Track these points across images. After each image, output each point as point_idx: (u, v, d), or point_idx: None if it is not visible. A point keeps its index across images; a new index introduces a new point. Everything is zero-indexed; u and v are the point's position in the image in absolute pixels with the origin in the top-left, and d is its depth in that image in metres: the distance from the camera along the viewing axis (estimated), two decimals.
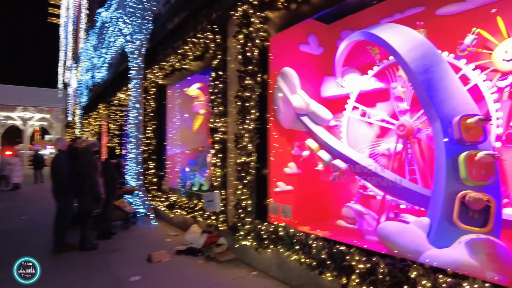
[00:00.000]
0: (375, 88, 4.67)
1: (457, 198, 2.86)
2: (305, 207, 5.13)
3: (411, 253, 3.06)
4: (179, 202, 6.90)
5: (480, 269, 2.71)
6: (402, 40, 3.66)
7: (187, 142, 8.76)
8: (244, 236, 4.62)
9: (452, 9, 3.99)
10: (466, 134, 3.04)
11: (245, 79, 4.74)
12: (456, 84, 3.35)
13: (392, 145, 4.47)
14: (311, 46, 5.39)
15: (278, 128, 4.94)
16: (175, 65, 7.25)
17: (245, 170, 4.77)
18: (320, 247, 3.57)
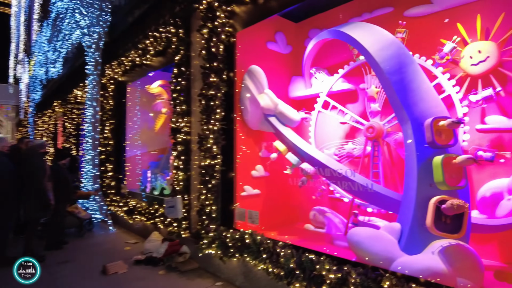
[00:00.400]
0: (345, 88, 4.56)
1: (433, 203, 2.76)
2: (273, 212, 4.94)
3: (382, 261, 2.93)
4: (139, 207, 6.45)
5: (452, 275, 2.63)
6: (373, 39, 3.54)
7: (149, 143, 8.28)
8: (208, 244, 4.33)
9: (420, 11, 3.98)
10: (438, 137, 2.96)
11: (210, 76, 4.44)
12: (427, 85, 3.28)
13: (359, 146, 4.41)
14: (279, 44, 5.21)
15: (245, 129, 4.70)
16: (136, 61, 6.78)
17: (210, 174, 4.48)
18: (288, 256, 3.37)
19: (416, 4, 3.98)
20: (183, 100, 5.03)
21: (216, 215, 4.45)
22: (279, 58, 5.24)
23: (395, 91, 3.30)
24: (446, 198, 2.77)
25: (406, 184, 3.25)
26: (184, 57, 5.05)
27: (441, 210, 2.78)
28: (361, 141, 4.40)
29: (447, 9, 3.76)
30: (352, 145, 4.53)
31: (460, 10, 3.64)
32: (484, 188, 3.42)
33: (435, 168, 2.89)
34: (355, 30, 3.75)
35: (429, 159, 3.01)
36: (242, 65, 4.60)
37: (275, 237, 4.03)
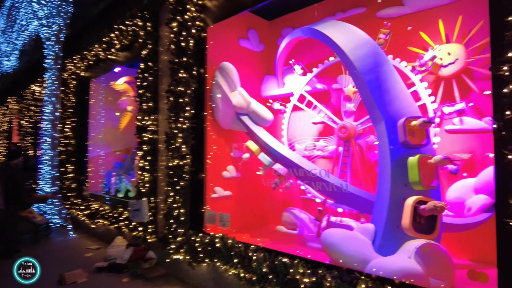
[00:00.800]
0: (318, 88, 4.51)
1: (411, 204, 2.72)
2: (245, 214, 4.79)
3: (357, 262, 2.87)
4: (102, 210, 6.07)
5: (425, 276, 2.61)
6: (347, 38, 3.50)
7: (113, 142, 7.84)
8: (176, 249, 4.10)
9: (392, 12, 3.99)
10: (411, 137, 2.94)
11: (179, 72, 4.23)
12: (400, 85, 3.27)
13: (331, 146, 4.38)
14: (251, 42, 5.08)
15: (216, 128, 4.52)
16: (100, 55, 6.39)
17: (178, 175, 4.25)
18: (261, 260, 3.23)
19: (388, 5, 4.00)
20: (150, 96, 4.77)
21: (185, 218, 4.23)
22: (252, 56, 5.11)
23: (369, 91, 3.27)
24: (424, 199, 2.75)
25: (380, 184, 3.22)
26: (152, 51, 4.79)
27: (416, 211, 2.75)
28: (333, 140, 4.36)
29: (418, 11, 3.80)
30: (324, 142, 4.49)
31: (430, 12, 3.69)
32: (452, 188, 3.47)
33: (411, 168, 2.87)
34: (329, 28, 3.69)
35: (403, 159, 3.00)
36: (213, 61, 4.42)
37: (247, 240, 3.88)
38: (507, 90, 2.00)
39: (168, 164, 4.37)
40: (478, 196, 3.29)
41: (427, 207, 2.65)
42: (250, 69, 5.06)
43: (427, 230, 2.78)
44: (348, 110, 4.06)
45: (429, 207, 2.63)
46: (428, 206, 2.62)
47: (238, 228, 4.52)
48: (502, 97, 2.03)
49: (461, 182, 3.43)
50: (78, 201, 7.04)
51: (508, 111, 1.96)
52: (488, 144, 3.31)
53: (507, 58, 2.00)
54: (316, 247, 3.87)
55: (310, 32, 3.98)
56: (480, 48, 3.33)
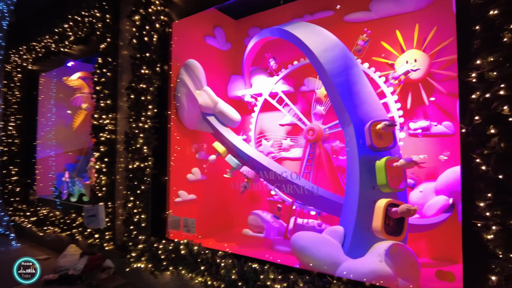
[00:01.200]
0: (285, 90, 4.47)
1: (383, 207, 2.73)
2: (210, 218, 4.64)
3: (327, 266, 2.84)
4: (52, 216, 5.57)
5: (394, 277, 2.64)
6: (317, 40, 3.48)
7: (65, 142, 7.25)
8: (137, 257, 3.84)
9: (359, 16, 4.06)
10: (379, 140, 2.98)
11: (141, 68, 3.97)
12: (368, 89, 3.31)
13: (298, 148, 4.37)
14: (218, 40, 4.93)
15: (180, 128, 4.31)
16: (51, 47, 5.87)
17: (139, 178, 3.99)
18: (229, 266, 3.10)
19: (355, 10, 4.07)
20: (108, 94, 4.43)
21: (146, 224, 3.98)
22: (218, 54, 4.97)
23: (338, 93, 3.27)
24: (394, 202, 2.78)
25: (348, 186, 3.23)
26: (111, 45, 4.46)
27: (386, 213, 2.78)
28: (300, 141, 4.35)
29: (384, 17, 3.90)
30: (291, 141, 4.47)
31: (396, 19, 3.80)
32: (415, 190, 3.58)
33: (378, 171, 2.90)
34: (299, 29, 3.66)
35: (372, 162, 3.03)
36: (178, 58, 4.22)
37: (213, 245, 3.73)
38: (475, 96, 2.05)
39: (128, 167, 4.09)
40: (438, 197, 3.43)
41: (400, 210, 2.68)
42: (216, 68, 4.91)
43: (396, 232, 2.82)
44: (318, 113, 4.05)
45: (401, 210, 2.66)
46: (401, 209, 2.65)
47: (204, 233, 4.35)
48: (470, 103, 2.09)
49: (423, 185, 3.56)
50: (23, 207, 6.42)
51: (477, 116, 2.01)
52: (447, 147, 3.47)
53: (475, 65, 2.06)
54: (284, 250, 3.82)
55: (280, 33, 3.92)
56: (447, 63, 3.47)
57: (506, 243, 1.90)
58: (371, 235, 2.89)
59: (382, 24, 3.89)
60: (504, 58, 1.95)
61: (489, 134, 1.96)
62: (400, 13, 3.77)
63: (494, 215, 1.94)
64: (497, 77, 1.96)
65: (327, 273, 2.75)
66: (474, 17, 2.12)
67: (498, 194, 1.95)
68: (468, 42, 2.18)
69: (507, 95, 1.91)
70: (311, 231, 3.74)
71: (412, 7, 3.66)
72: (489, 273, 2.00)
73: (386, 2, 3.83)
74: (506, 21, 1.96)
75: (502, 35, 1.96)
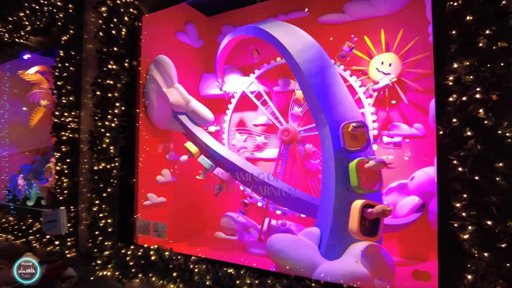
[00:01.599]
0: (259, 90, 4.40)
1: (358, 208, 2.73)
2: (181, 221, 4.48)
3: (304, 269, 2.80)
4: (4, 222, 5.11)
5: (371, 277, 2.66)
6: (294, 40, 3.44)
7: (21, 142, 6.70)
8: (103, 264, 3.60)
9: (333, 18, 4.08)
10: (354, 141, 2.99)
11: (108, 63, 3.73)
12: (344, 90, 3.32)
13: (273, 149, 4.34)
14: (189, 36, 4.77)
15: (149, 127, 4.11)
16: (3, 38, 5.40)
17: (105, 180, 3.75)
18: (203, 272, 2.98)
19: (330, 12, 4.08)
20: (71, 89, 4.13)
21: (113, 229, 3.75)
22: (190, 51, 4.80)
23: (314, 94, 3.25)
24: (370, 203, 2.80)
25: (324, 188, 3.22)
26: (74, 38, 4.16)
27: (362, 214, 2.79)
28: (274, 141, 4.30)
29: (358, 20, 3.94)
30: (264, 139, 4.40)
31: (370, 22, 3.85)
32: (386, 189, 3.65)
33: (351, 172, 2.91)
34: (275, 28, 3.60)
35: (346, 163, 3.03)
36: (148, 53, 4.02)
37: (185, 250, 3.59)
38: (452, 99, 2.09)
39: (93, 168, 3.83)
40: (410, 197, 3.51)
41: (375, 211, 2.69)
42: (188, 65, 4.75)
43: (371, 233, 2.84)
44: (295, 114, 4.01)
45: (377, 211, 2.67)
46: (377, 210, 2.66)
47: (175, 237, 4.19)
48: (447, 106, 2.13)
49: (395, 184, 3.63)
50: None
51: (454, 119, 2.04)
52: (418, 148, 3.56)
53: (452, 69, 2.09)
54: (259, 253, 3.75)
55: (255, 31, 3.84)
56: (414, 62, 3.56)
57: (481, 243, 1.95)
58: (347, 236, 2.89)
59: (356, 27, 3.93)
60: (479, 62, 2.00)
61: (466, 136, 2.00)
62: (373, 16, 3.83)
63: (470, 215, 1.99)
64: (473, 81, 2.00)
65: (305, 276, 2.71)
66: (451, 22, 2.16)
67: (473, 194, 2.00)
68: (444, 46, 2.22)
69: (483, 99, 1.96)
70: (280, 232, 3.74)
71: (385, 10, 3.73)
72: (464, 272, 2.04)
73: (360, 5, 3.87)
74: (481, 26, 2.01)
75: (478, 40, 2.01)
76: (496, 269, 1.88)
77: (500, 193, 1.92)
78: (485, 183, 1.94)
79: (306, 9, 4.15)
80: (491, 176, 1.93)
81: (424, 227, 3.46)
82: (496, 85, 1.95)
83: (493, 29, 1.95)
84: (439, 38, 2.31)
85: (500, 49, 1.95)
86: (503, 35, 1.95)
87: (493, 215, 1.92)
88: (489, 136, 1.94)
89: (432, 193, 3.31)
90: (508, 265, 1.87)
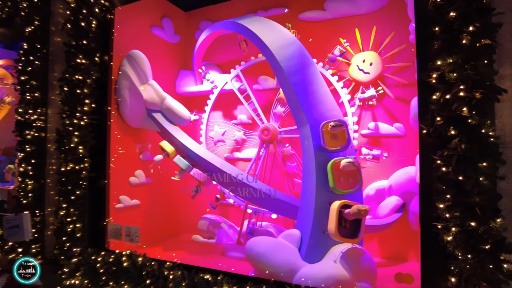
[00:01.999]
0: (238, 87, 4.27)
1: (335, 208, 2.66)
2: (156, 225, 4.29)
3: (284, 273, 2.70)
4: None
5: (352, 280, 2.59)
6: (274, 36, 3.34)
7: None
8: (71, 272, 3.38)
9: (313, 15, 4.02)
10: (334, 140, 2.92)
11: (77, 57, 3.50)
12: (324, 88, 3.24)
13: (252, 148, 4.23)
14: (165, 31, 4.58)
15: (121, 125, 3.90)
16: None
17: (73, 182, 3.52)
18: (179, 278, 2.83)
19: (310, 9, 4.01)
20: (36, 85, 3.85)
21: (82, 234, 3.53)
22: (166, 46, 4.61)
23: (295, 92, 3.15)
24: (349, 203, 2.73)
25: (304, 189, 3.13)
26: (40, 30, 3.89)
27: (341, 215, 2.72)
28: (253, 138, 4.19)
29: (338, 17, 3.90)
30: (243, 135, 4.28)
31: (350, 20, 3.81)
32: (367, 189, 3.62)
33: (328, 173, 2.84)
34: (255, 24, 3.49)
35: (326, 164, 2.95)
36: (121, 48, 3.81)
37: (160, 255, 3.42)
38: (435, 97, 2.04)
39: (60, 169, 3.58)
40: (390, 197, 3.48)
41: (352, 211, 2.63)
42: (164, 61, 4.56)
43: (352, 234, 2.77)
44: (278, 113, 3.89)
45: (353, 211, 2.62)
46: (352, 210, 2.61)
47: (149, 242, 4.01)
48: (431, 104, 2.08)
49: (375, 183, 3.60)
50: None
51: (438, 117, 1.99)
52: (397, 148, 3.54)
53: (435, 66, 2.04)
54: (237, 257, 3.63)
55: (234, 27, 3.72)
56: (392, 57, 3.54)
57: (465, 244, 1.90)
58: (328, 238, 2.81)
59: (336, 25, 3.88)
60: (463, 60, 1.96)
61: (450, 135, 1.95)
62: (354, 14, 3.79)
63: (454, 216, 1.94)
64: (457, 79, 1.95)
65: (285, 281, 2.61)
66: (434, 18, 2.11)
67: (457, 195, 1.95)
68: (427, 43, 2.18)
69: (466, 97, 1.92)
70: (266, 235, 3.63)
71: (366, 9, 3.69)
72: (447, 275, 1.99)
73: (340, 3, 3.82)
74: (464, 23, 1.97)
75: (461, 37, 1.97)
76: (480, 271, 1.84)
77: (483, 193, 1.89)
78: (468, 183, 1.90)
79: (286, 9, 4.06)
80: (475, 176, 1.89)
81: (404, 227, 3.44)
82: (479, 83, 1.91)
83: (476, 26, 1.91)
84: (421, 35, 2.27)
85: (484, 46, 1.91)
86: (486, 32, 1.92)
87: (476, 216, 1.88)
88: (473, 135, 1.90)
89: (412, 193, 3.29)
90: (492, 267, 1.84)
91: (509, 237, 1.90)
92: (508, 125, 2.03)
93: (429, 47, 2.15)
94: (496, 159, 1.88)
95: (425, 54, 2.20)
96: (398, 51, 3.45)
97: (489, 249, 1.84)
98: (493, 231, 1.85)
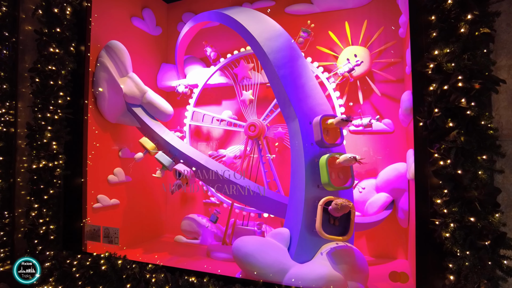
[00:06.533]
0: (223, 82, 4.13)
1: (319, 205, 2.57)
2: (137, 225, 4.09)
3: (273, 273, 2.58)
4: None
5: (344, 280, 2.50)
6: (261, 27, 3.21)
7: None
8: (43, 277, 3.14)
9: (301, 9, 3.94)
10: (325, 136, 2.81)
11: (50, 46, 3.26)
12: (313, 82, 3.14)
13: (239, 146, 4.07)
14: (146, 23, 4.38)
15: (99, 120, 3.68)
16: None
17: (46, 180, 3.29)
18: (161, 282, 2.67)
19: (297, 2, 3.91)
20: (4, 76, 3.57)
21: (56, 236, 3.30)
22: (147, 39, 4.40)
23: (283, 86, 3.04)
24: (332, 199, 2.63)
25: (293, 186, 3.02)
26: (8, 16, 3.61)
27: (328, 212, 2.63)
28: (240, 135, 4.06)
29: (326, 11, 3.81)
30: (233, 127, 4.10)
31: (338, 14, 3.73)
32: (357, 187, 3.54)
33: (321, 168, 2.73)
34: (241, 14, 3.35)
35: (316, 159, 2.85)
36: (98, 38, 3.59)
37: (142, 257, 3.23)
38: (432, 88, 1.97)
39: (32, 167, 3.33)
40: (379, 194, 3.42)
41: (331, 207, 2.55)
42: (145, 54, 4.35)
43: (342, 232, 2.68)
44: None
45: (332, 207, 2.55)
46: (332, 205, 2.54)
47: (129, 243, 3.80)
48: (427, 95, 2.00)
49: (364, 182, 3.53)
50: None
51: (436, 109, 1.92)
52: (386, 144, 3.49)
53: (432, 56, 1.97)
54: (223, 257, 3.48)
55: (219, 17, 3.57)
56: (380, 52, 3.49)
57: (463, 241, 1.83)
58: (318, 236, 2.70)
59: (323, 18, 3.80)
60: (460, 49, 1.89)
61: (448, 127, 1.88)
62: (341, 8, 3.72)
63: (452, 212, 1.87)
64: (454, 69, 1.89)
65: (275, 282, 2.49)
66: (429, 6, 2.04)
67: (454, 190, 1.88)
68: (422, 33, 2.11)
69: (465, 87, 1.85)
70: (252, 234, 3.50)
71: (353, 3, 3.62)
72: (444, 272, 1.92)
73: None
74: (462, 11, 1.90)
75: (459, 25, 1.90)
76: (480, 269, 1.77)
77: (482, 187, 1.82)
78: (466, 177, 1.83)
79: (268, 10, 3.94)
80: (473, 170, 1.82)
81: (393, 224, 3.39)
82: (477, 73, 1.85)
83: (475, 14, 1.84)
84: (416, 25, 2.20)
85: (482, 35, 1.85)
86: (485, 20, 1.85)
87: (476, 211, 1.81)
88: (472, 127, 1.83)
89: (401, 190, 3.24)
90: (491, 264, 1.77)
91: (507, 232, 1.84)
92: (505, 117, 1.99)
93: (423, 37, 2.08)
94: (494, 152, 1.82)
95: (419, 45, 2.13)
96: (387, 47, 3.39)
97: (489, 245, 1.77)
98: (493, 226, 1.79)
